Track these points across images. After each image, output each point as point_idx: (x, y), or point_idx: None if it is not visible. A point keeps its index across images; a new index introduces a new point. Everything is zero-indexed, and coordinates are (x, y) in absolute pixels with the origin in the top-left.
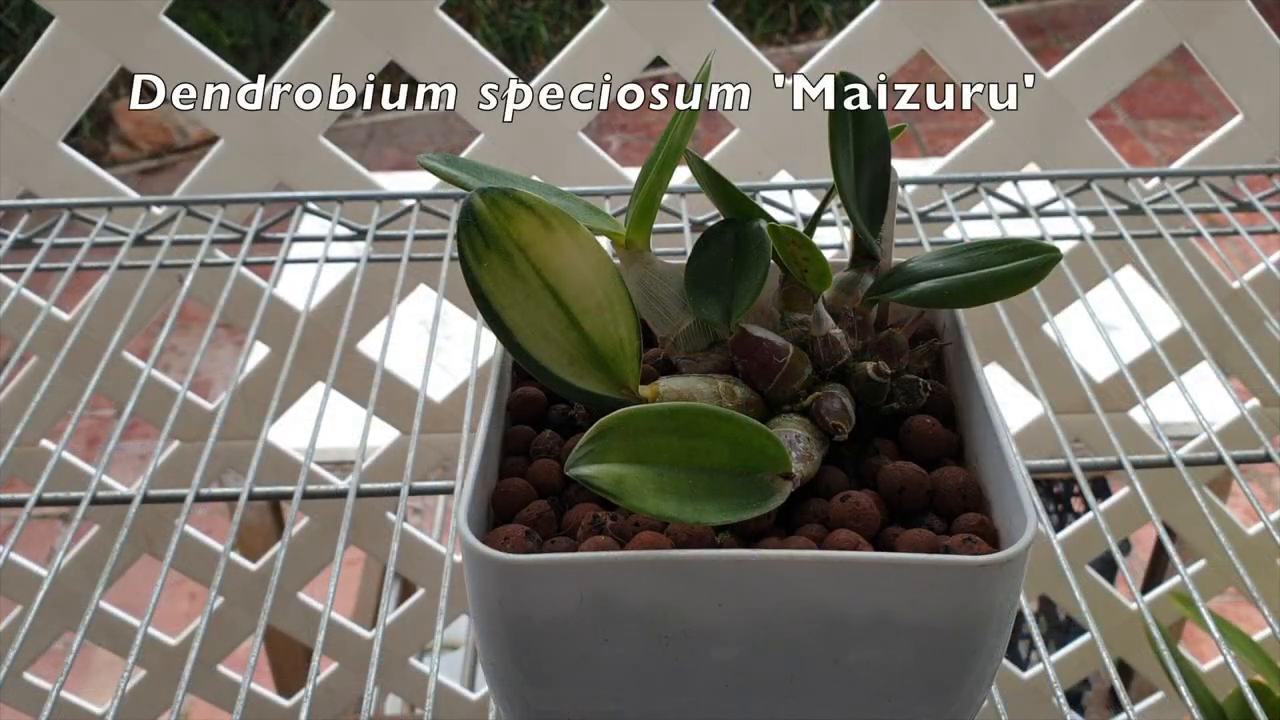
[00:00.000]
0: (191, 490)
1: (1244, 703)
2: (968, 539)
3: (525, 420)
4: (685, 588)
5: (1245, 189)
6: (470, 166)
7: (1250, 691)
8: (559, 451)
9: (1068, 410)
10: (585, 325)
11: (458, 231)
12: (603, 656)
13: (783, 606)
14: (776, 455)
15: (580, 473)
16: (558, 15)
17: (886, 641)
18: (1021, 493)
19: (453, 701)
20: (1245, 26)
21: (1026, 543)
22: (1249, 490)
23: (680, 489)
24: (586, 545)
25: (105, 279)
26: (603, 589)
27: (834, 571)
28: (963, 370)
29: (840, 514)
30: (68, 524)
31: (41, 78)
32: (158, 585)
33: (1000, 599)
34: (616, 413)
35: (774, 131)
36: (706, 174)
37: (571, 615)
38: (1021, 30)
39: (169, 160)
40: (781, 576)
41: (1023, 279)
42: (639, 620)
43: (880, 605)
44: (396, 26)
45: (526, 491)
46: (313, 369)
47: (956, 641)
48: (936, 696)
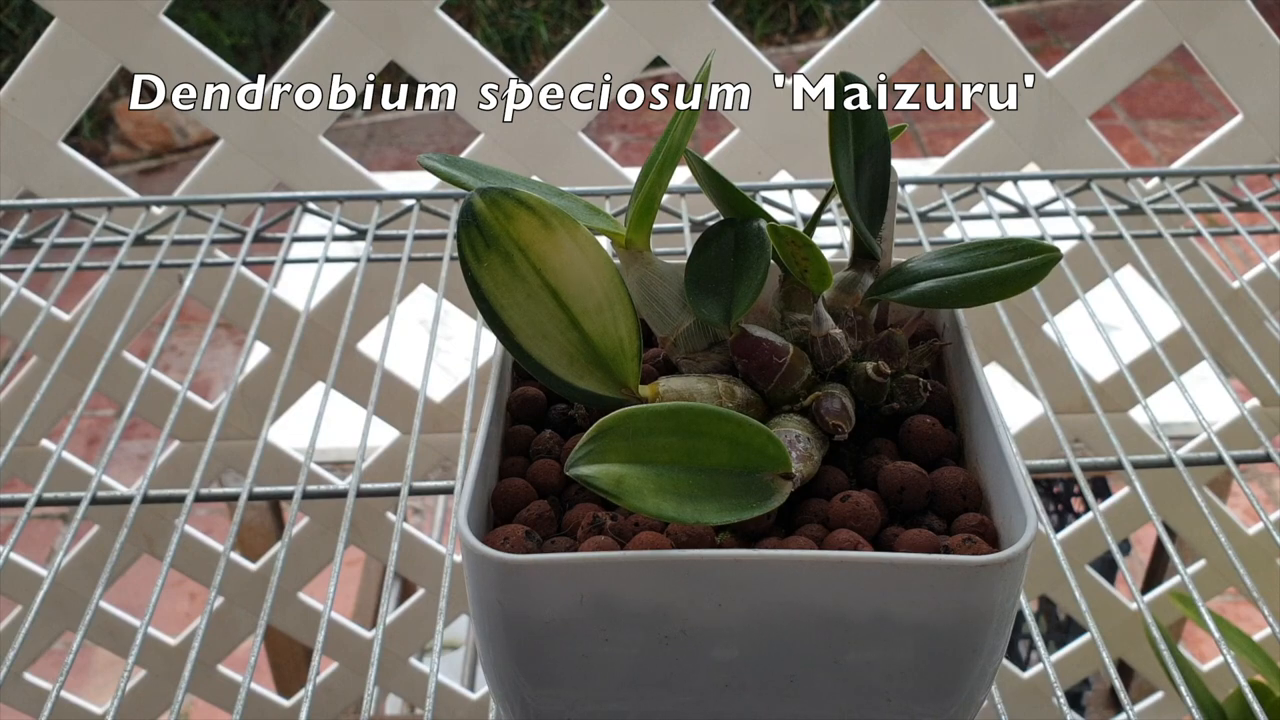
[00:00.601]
0: (191, 490)
1: (1244, 703)
2: (967, 539)
3: (525, 420)
4: (686, 588)
5: (1245, 189)
6: (470, 166)
7: (1250, 691)
8: (559, 451)
9: (1068, 410)
10: (585, 325)
11: (458, 231)
12: (603, 656)
13: (783, 606)
14: (777, 455)
15: (580, 473)
16: (558, 15)
17: (886, 641)
18: (1021, 493)
19: (453, 701)
20: (1245, 26)
21: (1026, 543)
22: (1249, 490)
23: (680, 489)
24: (587, 545)
25: (105, 279)
26: (603, 589)
27: (834, 571)
28: (963, 370)
29: (840, 514)
30: (68, 524)
31: (41, 78)
32: (158, 585)
33: (1000, 599)
34: (616, 413)
35: (774, 131)
36: (706, 174)
37: (572, 615)
38: (1021, 30)
39: (169, 160)
40: (782, 576)
41: (1023, 279)
42: (639, 620)
43: (880, 605)
44: (396, 26)
45: (526, 491)
46: (313, 369)
47: (956, 641)
48: (936, 696)
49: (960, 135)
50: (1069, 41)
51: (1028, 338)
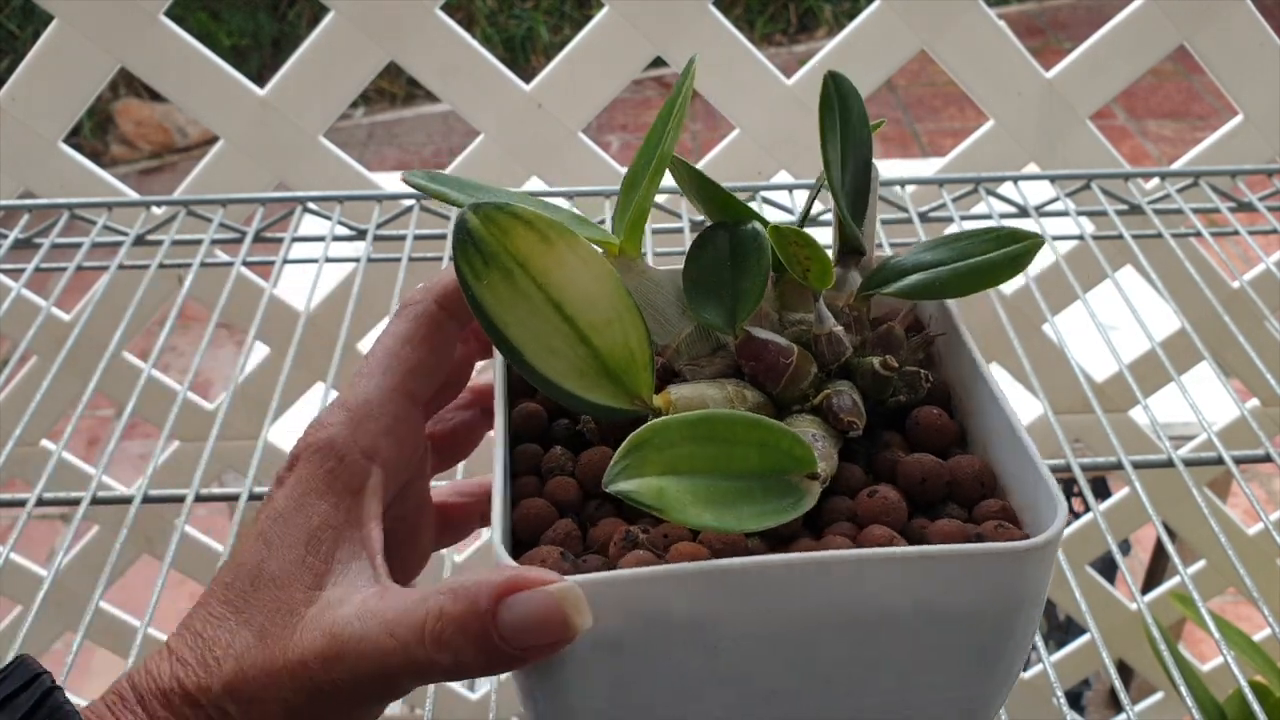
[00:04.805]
0: (191, 490)
1: (1244, 703)
2: (1000, 525)
3: (527, 437)
4: (735, 595)
5: (1245, 189)
6: (454, 182)
7: (1250, 691)
8: (572, 468)
9: (1068, 410)
10: (593, 338)
11: (454, 250)
12: (651, 671)
13: (830, 606)
14: (804, 456)
15: (621, 488)
16: (558, 15)
17: (931, 631)
18: (1045, 475)
19: (453, 701)
20: (1245, 26)
21: (1061, 524)
22: (1249, 490)
23: (716, 497)
24: (627, 561)
25: (105, 279)
26: (651, 604)
27: (884, 568)
28: (961, 358)
29: (870, 510)
30: (68, 524)
31: (41, 78)
32: (158, 585)
33: (1041, 579)
34: (649, 425)
35: (774, 131)
36: (693, 179)
37: (621, 633)
38: (1021, 30)
39: (169, 160)
40: (832, 577)
41: (1010, 265)
42: (688, 632)
43: (925, 596)
44: (396, 26)
45: (549, 512)
46: (313, 369)
47: (999, 624)
48: (980, 677)
49: (960, 135)
50: (1069, 41)
51: (1028, 338)
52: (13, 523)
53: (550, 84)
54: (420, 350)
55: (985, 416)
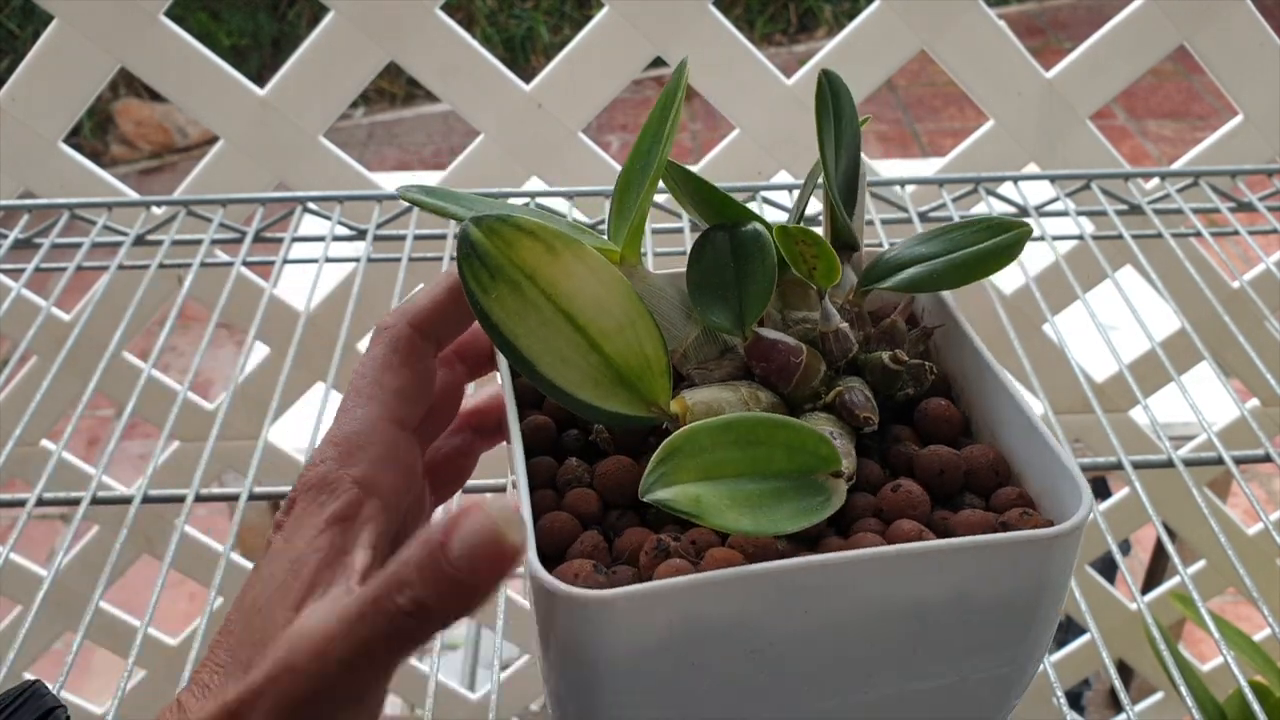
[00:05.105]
0: (191, 490)
1: (1244, 703)
2: (1024, 513)
3: (537, 449)
4: (774, 599)
5: (1245, 189)
6: (450, 196)
7: (1250, 691)
8: (590, 479)
9: (1068, 410)
10: (605, 347)
11: (459, 264)
12: (691, 680)
13: (866, 603)
14: (829, 455)
15: (658, 497)
16: (558, 15)
17: (965, 620)
18: (1065, 459)
19: (453, 701)
20: (1245, 26)
21: (1088, 508)
22: (1249, 490)
23: (750, 500)
24: (663, 571)
25: (105, 279)
26: (691, 612)
27: (921, 562)
28: (962, 348)
29: (895, 504)
30: (68, 524)
31: (41, 78)
32: (158, 585)
33: (1069, 563)
34: (680, 432)
35: (774, 131)
36: (687, 183)
37: (660, 643)
38: (1021, 30)
39: (169, 160)
40: (870, 575)
41: (1003, 254)
42: (727, 638)
43: (960, 587)
44: (396, 26)
45: (573, 525)
46: (313, 369)
47: (1030, 608)
48: (1012, 660)
49: (960, 135)
50: (1069, 41)
51: (1028, 338)
52: (13, 523)
53: (550, 84)
54: (401, 375)
55: (994, 406)
